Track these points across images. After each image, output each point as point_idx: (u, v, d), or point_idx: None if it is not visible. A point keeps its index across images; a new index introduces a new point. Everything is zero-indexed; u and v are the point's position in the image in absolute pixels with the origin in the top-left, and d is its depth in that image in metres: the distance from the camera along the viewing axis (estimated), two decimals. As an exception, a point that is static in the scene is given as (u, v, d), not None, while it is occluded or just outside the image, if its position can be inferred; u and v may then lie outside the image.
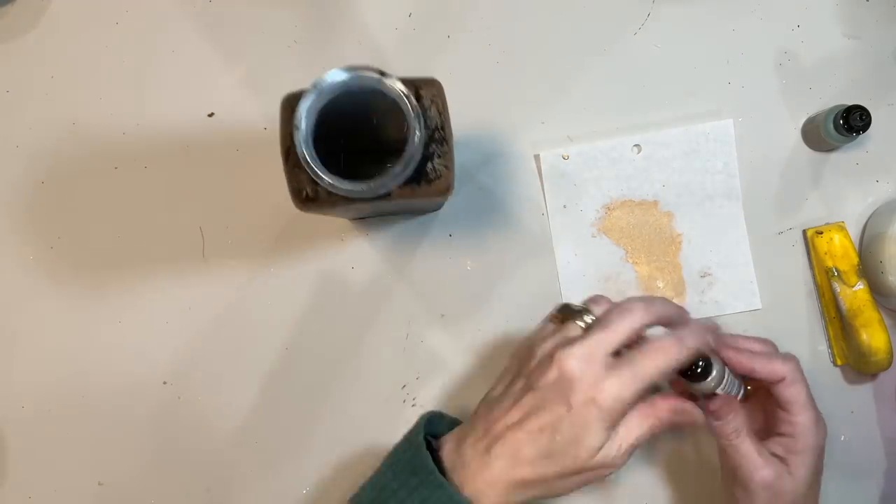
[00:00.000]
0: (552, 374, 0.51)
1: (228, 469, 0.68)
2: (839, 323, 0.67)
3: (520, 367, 0.54)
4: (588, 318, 0.54)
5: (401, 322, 0.69)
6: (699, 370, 0.55)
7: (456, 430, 0.55)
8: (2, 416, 0.69)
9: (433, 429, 0.56)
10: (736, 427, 0.56)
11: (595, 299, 0.56)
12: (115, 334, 0.69)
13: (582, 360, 0.50)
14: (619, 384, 0.50)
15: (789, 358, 0.58)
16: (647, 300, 0.54)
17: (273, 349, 0.69)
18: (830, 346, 0.68)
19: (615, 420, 0.51)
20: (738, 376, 0.59)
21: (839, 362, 0.68)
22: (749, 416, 0.59)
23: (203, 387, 0.69)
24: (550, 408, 0.50)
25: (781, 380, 0.57)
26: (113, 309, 0.69)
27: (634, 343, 0.53)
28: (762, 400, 0.60)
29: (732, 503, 0.59)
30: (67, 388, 0.69)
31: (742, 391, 0.60)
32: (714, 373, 0.56)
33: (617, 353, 0.52)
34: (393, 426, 0.68)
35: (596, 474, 0.52)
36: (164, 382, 0.69)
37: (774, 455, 0.57)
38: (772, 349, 0.61)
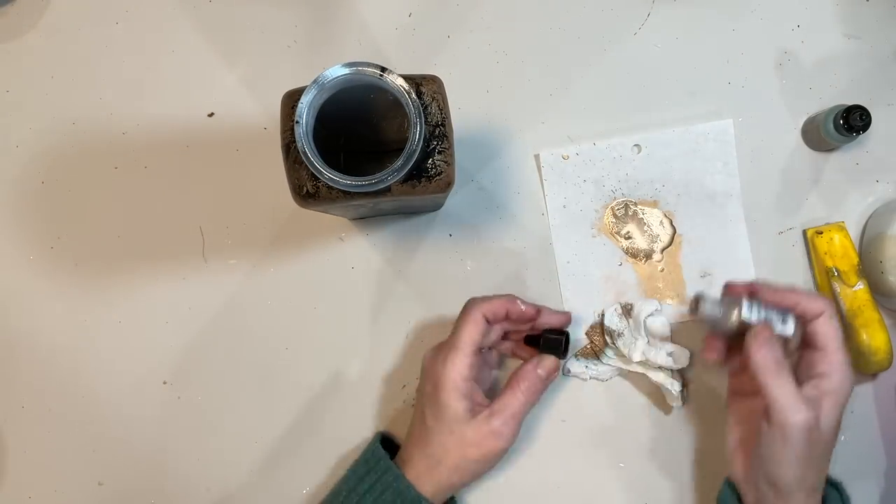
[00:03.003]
0: (421, 371, 0.63)
1: (228, 469, 0.68)
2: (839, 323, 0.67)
3: None
4: None
5: (401, 322, 0.69)
6: (554, 339, 0.63)
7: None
8: (2, 416, 0.69)
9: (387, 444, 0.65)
10: (777, 359, 0.54)
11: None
12: (115, 334, 0.69)
13: (432, 351, 0.62)
14: (450, 357, 0.59)
15: (823, 296, 0.57)
16: (485, 299, 0.62)
17: (273, 349, 0.69)
18: (831, 346, 0.68)
19: (461, 388, 0.59)
20: (785, 314, 0.57)
21: (839, 362, 0.68)
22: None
23: (203, 387, 0.69)
24: (420, 396, 0.62)
25: (821, 314, 0.56)
26: (113, 309, 0.69)
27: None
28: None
29: (744, 442, 0.58)
30: (67, 388, 0.69)
31: (795, 327, 0.57)
32: (705, 309, 0.58)
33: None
34: (393, 426, 0.68)
35: (489, 449, 0.59)
36: (164, 382, 0.69)
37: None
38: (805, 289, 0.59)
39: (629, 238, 0.69)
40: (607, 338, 0.67)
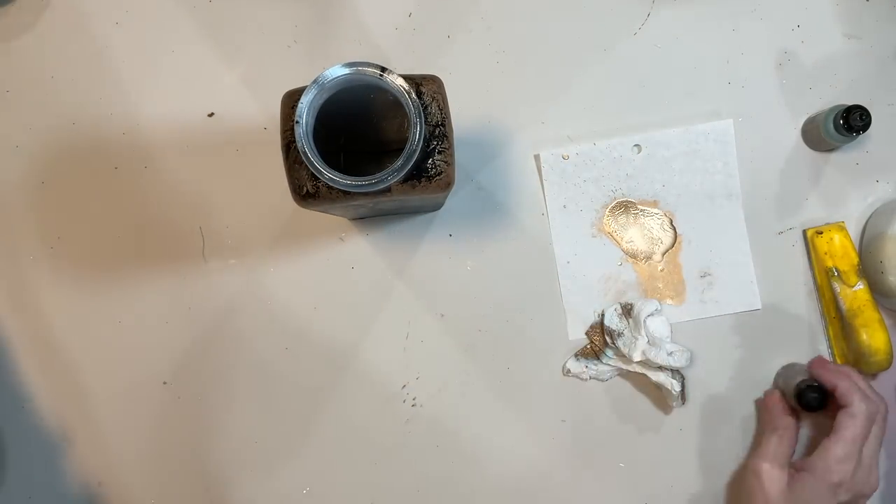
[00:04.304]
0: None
1: (228, 469, 0.68)
2: (839, 323, 0.67)
3: None
4: None
5: (401, 322, 0.69)
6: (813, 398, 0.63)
7: None
8: (2, 416, 0.69)
9: None
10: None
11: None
12: (115, 334, 0.69)
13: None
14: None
15: (870, 397, 0.61)
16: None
17: (273, 349, 0.69)
18: (830, 346, 0.68)
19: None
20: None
21: (839, 362, 0.68)
22: None
23: (203, 387, 0.69)
24: None
25: (850, 405, 0.60)
26: (113, 309, 0.69)
27: None
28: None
29: None
30: (67, 387, 0.69)
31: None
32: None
33: None
34: (393, 426, 0.68)
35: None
36: (164, 382, 0.69)
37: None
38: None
39: (630, 241, 0.69)
40: (607, 338, 0.67)
